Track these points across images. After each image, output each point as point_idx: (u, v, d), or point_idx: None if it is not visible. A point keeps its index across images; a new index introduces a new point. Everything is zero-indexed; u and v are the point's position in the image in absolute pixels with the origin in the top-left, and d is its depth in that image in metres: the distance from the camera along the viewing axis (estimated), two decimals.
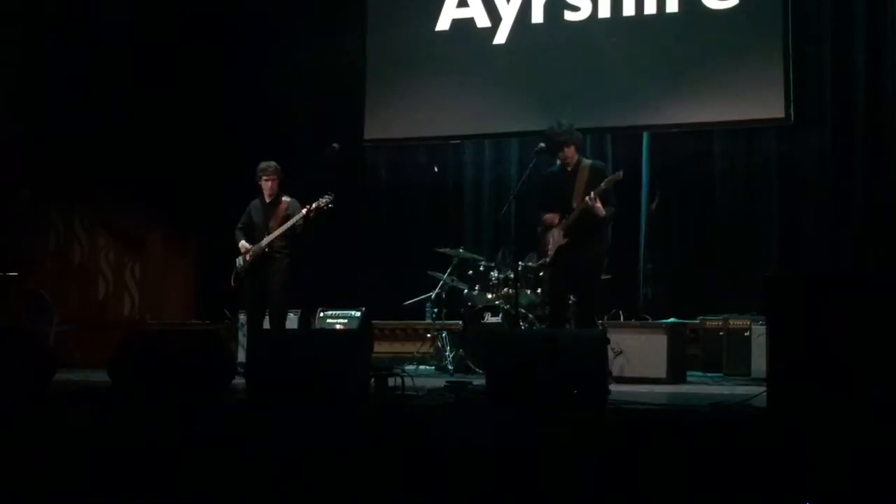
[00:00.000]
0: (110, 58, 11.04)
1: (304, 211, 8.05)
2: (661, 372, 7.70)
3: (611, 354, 7.20)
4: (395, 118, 10.91)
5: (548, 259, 7.15)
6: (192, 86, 11.23)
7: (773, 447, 4.12)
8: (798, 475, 4.06)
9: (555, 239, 6.99)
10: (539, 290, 8.48)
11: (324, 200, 8.07)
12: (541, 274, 8.21)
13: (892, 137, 9.28)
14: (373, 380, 5.35)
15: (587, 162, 7.11)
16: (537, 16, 10.40)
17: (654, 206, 9.87)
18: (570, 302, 7.39)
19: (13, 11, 10.23)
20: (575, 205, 6.86)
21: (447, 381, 6.58)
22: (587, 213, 6.79)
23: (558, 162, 7.20)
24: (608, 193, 6.90)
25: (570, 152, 7.04)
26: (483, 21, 10.62)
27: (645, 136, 10.19)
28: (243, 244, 8.15)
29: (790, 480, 4.06)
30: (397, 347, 9.88)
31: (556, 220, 7.00)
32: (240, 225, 8.33)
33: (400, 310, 9.76)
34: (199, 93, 11.25)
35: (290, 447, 4.76)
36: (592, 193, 6.76)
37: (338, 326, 9.05)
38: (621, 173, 7.02)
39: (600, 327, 8.00)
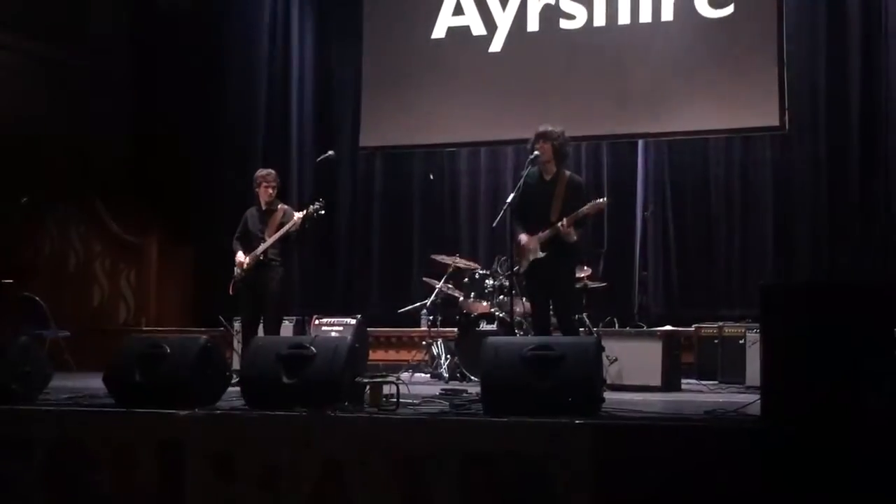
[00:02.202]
0: (108, 63, 11.05)
1: (296, 218, 8.04)
2: (656, 379, 7.70)
3: (605, 362, 7.19)
4: (391, 125, 10.93)
5: (521, 269, 7.06)
6: (190, 92, 11.25)
7: (768, 455, 4.13)
8: (792, 483, 4.07)
9: (530, 250, 6.89)
10: None
11: (314, 207, 8.07)
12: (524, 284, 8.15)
13: (886, 145, 9.32)
14: (368, 387, 5.35)
15: (566, 174, 6.96)
16: (533, 24, 10.44)
17: (648, 213, 9.89)
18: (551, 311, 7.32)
19: (11, 16, 10.24)
20: (553, 219, 6.77)
21: (442, 389, 6.58)
22: (559, 237, 6.73)
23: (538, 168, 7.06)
24: (588, 220, 6.82)
25: (546, 149, 6.85)
26: (479, 29, 10.65)
27: (640, 143, 10.22)
28: (239, 256, 8.16)
29: (784, 488, 4.07)
30: (392, 355, 9.88)
31: (531, 240, 6.89)
32: (237, 235, 8.33)
33: (395, 317, 9.77)
34: (197, 99, 11.27)
35: (285, 454, 4.76)
36: (566, 220, 6.68)
37: (333, 334, 9.03)
38: (604, 202, 6.85)
39: (595, 333, 8.02)
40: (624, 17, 10.09)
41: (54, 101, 10.47)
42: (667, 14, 9.96)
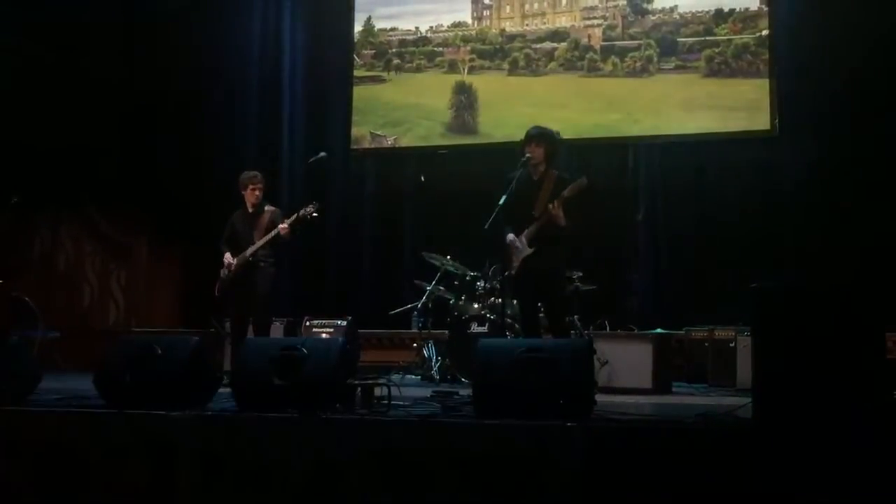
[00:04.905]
0: (100, 66, 11.02)
1: (286, 222, 7.99)
2: (647, 382, 7.70)
3: (597, 364, 7.20)
4: (383, 126, 10.95)
5: (513, 271, 7.05)
6: (181, 92, 11.23)
7: (759, 458, 4.14)
8: (783, 485, 4.08)
9: (519, 250, 6.90)
10: None
11: (308, 209, 8.03)
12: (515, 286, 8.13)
13: (877, 148, 9.34)
14: (359, 389, 5.35)
15: (554, 172, 6.95)
16: (526, 24, 10.47)
17: (640, 216, 9.90)
18: (540, 314, 7.31)
19: (3, 20, 10.20)
20: (536, 214, 6.78)
21: (433, 391, 6.57)
22: (549, 222, 6.72)
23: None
24: (573, 204, 6.74)
25: (538, 152, 6.86)
26: (472, 28, 10.68)
27: (632, 147, 10.23)
28: (228, 257, 8.13)
29: (775, 491, 4.08)
30: (383, 356, 9.85)
31: (519, 239, 6.90)
32: (223, 239, 8.29)
33: (386, 319, 9.75)
34: (188, 99, 11.25)
35: (276, 455, 4.75)
36: (556, 202, 6.67)
37: (324, 335, 9.02)
38: (585, 180, 6.75)
39: (586, 336, 8.02)
40: (616, 18, 10.14)
41: (45, 102, 10.44)
42: (659, 17, 10.00)
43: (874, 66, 9.41)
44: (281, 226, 7.96)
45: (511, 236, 6.92)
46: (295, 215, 8.00)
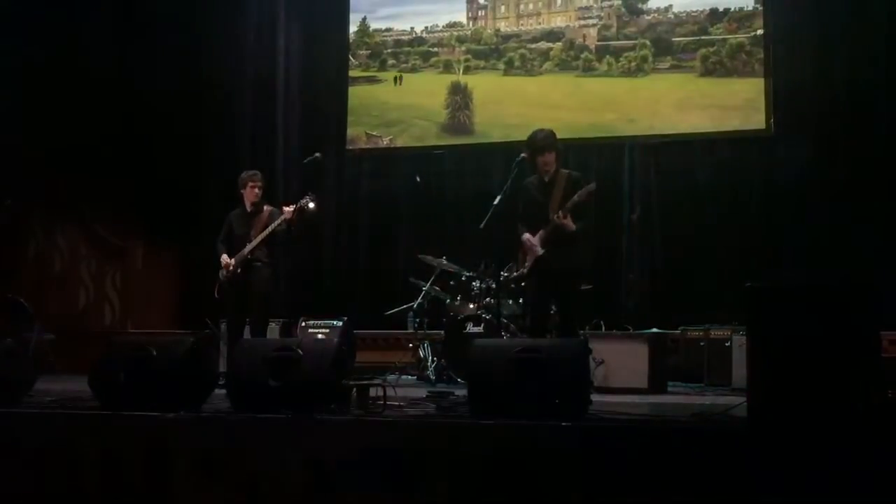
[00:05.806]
0: (96, 67, 11.00)
1: (284, 215, 8.01)
2: (643, 382, 7.70)
3: (592, 364, 7.20)
4: (378, 126, 10.94)
5: (525, 270, 7.09)
6: (176, 93, 11.21)
7: (754, 457, 4.14)
8: (779, 485, 4.07)
9: (533, 251, 6.94)
10: (521, 301, 8.47)
11: (304, 201, 8.04)
12: (522, 284, 8.18)
13: (873, 148, 9.35)
14: (354, 389, 5.34)
15: (564, 172, 7.03)
16: (521, 24, 10.48)
17: (635, 216, 9.90)
18: (552, 312, 7.35)
19: (1, 21, 10.19)
20: (552, 216, 6.82)
21: (429, 391, 6.57)
22: (559, 229, 6.77)
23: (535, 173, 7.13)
24: (582, 206, 6.80)
25: (550, 158, 6.93)
26: (467, 28, 10.68)
27: (627, 146, 10.23)
28: (224, 258, 8.12)
29: (770, 491, 4.08)
30: (379, 357, 9.84)
31: (533, 238, 6.94)
32: (221, 238, 8.29)
33: (382, 319, 9.74)
34: (183, 100, 11.24)
35: (271, 456, 4.74)
36: (560, 212, 6.72)
37: (320, 336, 9.00)
38: (594, 185, 6.88)
39: (581, 337, 8.02)
40: (611, 18, 10.15)
41: (40, 103, 10.42)
42: (654, 16, 10.01)
43: (870, 64, 9.42)
44: (283, 215, 7.97)
45: (527, 234, 6.95)
46: (294, 206, 8.00)
